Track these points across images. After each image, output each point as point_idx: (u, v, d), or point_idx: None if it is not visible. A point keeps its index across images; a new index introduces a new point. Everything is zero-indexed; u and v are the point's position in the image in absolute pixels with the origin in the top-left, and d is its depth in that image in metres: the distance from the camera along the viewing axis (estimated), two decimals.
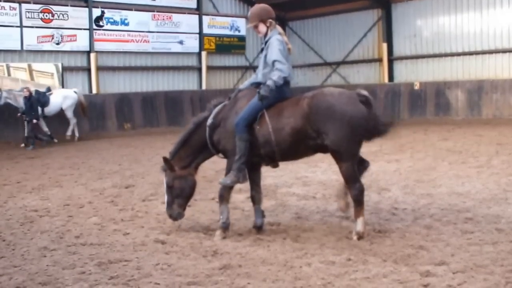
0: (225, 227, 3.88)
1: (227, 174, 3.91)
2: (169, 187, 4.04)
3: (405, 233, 3.79)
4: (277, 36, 3.86)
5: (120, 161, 8.25)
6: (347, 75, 15.67)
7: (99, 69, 13.14)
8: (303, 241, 3.71)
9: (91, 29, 12.98)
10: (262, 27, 3.92)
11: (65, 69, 12.63)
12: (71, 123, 11.24)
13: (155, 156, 8.42)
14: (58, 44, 12.48)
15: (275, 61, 3.75)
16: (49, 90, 11.15)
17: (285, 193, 5.45)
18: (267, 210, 4.72)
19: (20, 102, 10.49)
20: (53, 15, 12.39)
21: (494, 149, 7.97)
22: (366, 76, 15.20)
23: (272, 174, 6.48)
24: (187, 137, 4.06)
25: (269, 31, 3.91)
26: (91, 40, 12.99)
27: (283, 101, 3.82)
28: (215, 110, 4.00)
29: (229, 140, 3.85)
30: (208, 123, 3.96)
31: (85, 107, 11.47)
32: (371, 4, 14.81)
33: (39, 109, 10.53)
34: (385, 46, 14.56)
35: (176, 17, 14.50)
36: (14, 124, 11.20)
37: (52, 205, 5.18)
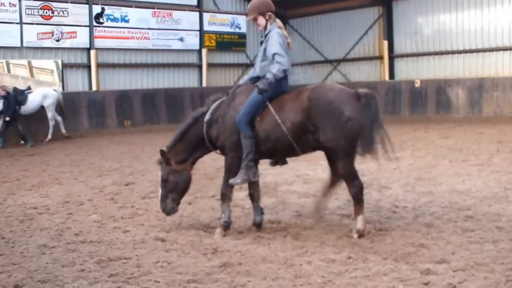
0: (226, 226, 3.87)
1: (226, 171, 3.88)
2: (164, 181, 3.99)
3: (406, 231, 3.78)
4: (277, 29, 3.83)
5: (120, 159, 8.23)
6: (347, 73, 15.63)
7: (99, 66, 13.11)
8: (304, 239, 3.70)
9: (91, 26, 12.94)
10: (261, 20, 3.89)
11: (65, 66, 12.60)
12: (50, 124, 10.75)
13: (155, 153, 8.37)
14: (58, 41, 12.45)
15: (275, 54, 3.71)
16: (29, 88, 10.91)
17: (286, 191, 5.44)
18: (267, 208, 4.71)
19: None
20: (53, 12, 12.35)
21: (494, 147, 7.95)
22: (366, 73, 15.16)
23: (272, 171, 6.46)
24: (185, 132, 4.01)
25: (268, 25, 3.88)
26: (91, 37, 12.95)
27: (283, 95, 3.78)
28: (213, 106, 3.96)
29: (227, 136, 3.82)
30: (205, 119, 3.91)
31: (62, 106, 11.13)
32: (371, 1, 14.76)
33: (16, 107, 10.18)
34: (385, 43, 14.51)
35: (176, 14, 14.45)
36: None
37: (51, 203, 5.18)
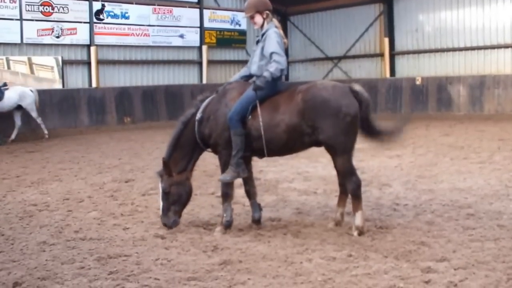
0: (228, 225, 3.86)
1: (222, 170, 3.87)
2: (166, 193, 3.86)
3: (407, 229, 3.77)
4: (275, 29, 3.82)
5: (120, 155, 8.21)
6: (348, 70, 15.58)
7: (99, 62, 13.06)
8: (304, 236, 3.69)
9: (91, 23, 12.88)
10: (258, 18, 3.87)
11: (65, 62, 12.55)
12: (39, 121, 10.52)
13: (155, 150, 8.39)
14: (58, 37, 12.41)
15: (273, 53, 3.70)
16: (5, 85, 10.72)
17: (286, 188, 5.43)
18: (268, 205, 4.70)
19: None
20: (53, 8, 12.30)
21: (496, 144, 7.94)
22: (367, 70, 15.11)
23: (273, 169, 6.46)
24: (178, 139, 3.92)
25: (265, 23, 3.87)
26: (91, 33, 12.90)
27: (276, 95, 3.77)
28: (203, 104, 3.91)
29: (220, 133, 3.79)
30: (197, 118, 3.85)
31: (37, 106, 10.76)
32: None
33: None
34: (386, 40, 14.46)
35: (176, 10, 14.39)
36: (14, 119, 11.14)
37: (51, 200, 5.16)
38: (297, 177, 6.00)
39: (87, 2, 12.83)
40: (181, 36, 14.53)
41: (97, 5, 13.00)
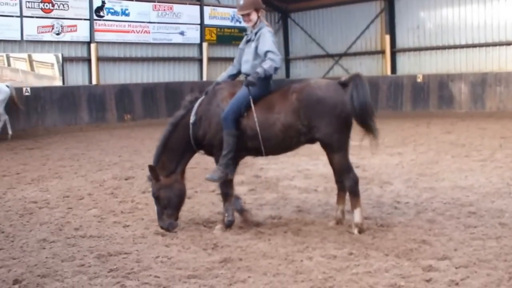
0: (229, 225, 3.85)
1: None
2: (156, 198, 3.82)
3: (408, 227, 3.76)
4: (268, 28, 3.83)
5: (120, 153, 8.20)
6: (349, 67, 15.52)
7: (100, 59, 13.04)
8: (305, 234, 3.68)
9: (91, 20, 12.85)
10: (254, 16, 3.85)
11: (65, 59, 12.52)
12: (1, 119, 10.23)
13: (155, 147, 8.36)
14: (58, 34, 12.37)
15: (268, 51, 3.70)
16: None
17: (287, 186, 5.42)
18: (268, 203, 4.70)
19: None
20: (53, 5, 12.26)
21: (497, 142, 7.90)
22: (368, 68, 15.06)
23: (273, 166, 6.44)
24: (167, 141, 3.85)
25: (258, 22, 3.86)
26: (92, 30, 12.87)
27: (270, 95, 3.76)
28: (195, 106, 3.85)
29: (214, 134, 3.77)
30: (191, 121, 3.80)
31: (17, 102, 10.59)
32: None
33: None
34: (388, 38, 14.40)
35: (177, 7, 14.34)
36: (14, 115, 11.14)
37: (51, 197, 5.16)
38: (298, 175, 5.99)
39: None
40: (182, 33, 14.48)
41: (97, 2, 12.95)
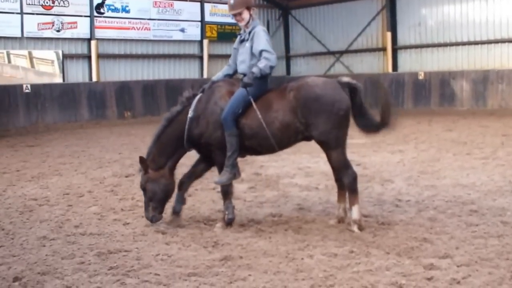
0: (230, 222, 3.84)
1: (219, 170, 3.85)
2: (143, 190, 3.89)
3: (409, 226, 3.74)
4: (261, 26, 3.81)
5: (120, 150, 8.19)
6: (350, 64, 15.48)
7: (100, 56, 13.00)
8: (305, 232, 3.67)
9: (91, 16, 12.80)
10: (246, 15, 3.83)
11: (66, 56, 12.49)
12: None
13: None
14: (58, 31, 12.34)
15: (263, 50, 3.70)
16: None
17: (287, 183, 5.40)
18: (269, 201, 4.69)
19: None
20: (53, 2, 12.22)
21: (499, 140, 7.87)
22: (369, 65, 15.01)
23: (274, 164, 6.43)
24: (160, 136, 3.87)
25: (251, 21, 3.84)
26: (92, 27, 12.83)
27: (267, 93, 3.76)
28: (194, 101, 3.85)
29: (211, 133, 3.76)
30: (189, 116, 3.77)
31: None
32: None
33: None
34: (389, 35, 14.33)
35: (177, 4, 14.29)
36: (14, 111, 11.13)
37: (51, 194, 5.15)
38: (299, 173, 5.97)
39: None
40: (182, 30, 14.43)
41: None
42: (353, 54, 15.42)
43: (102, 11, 13.01)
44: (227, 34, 15.38)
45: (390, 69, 14.43)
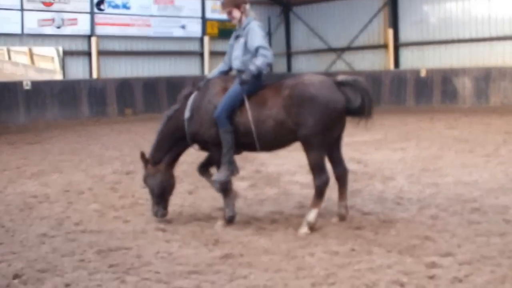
0: (231, 220, 3.83)
1: (217, 166, 3.85)
2: (145, 184, 4.00)
3: (410, 223, 3.72)
4: (256, 22, 3.77)
5: (120, 147, 8.17)
6: (352, 61, 15.42)
7: (100, 53, 12.97)
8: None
9: (92, 13, 12.76)
10: (236, 13, 3.83)
11: (66, 53, 12.47)
12: None
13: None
14: (59, 28, 12.30)
15: (259, 47, 3.66)
16: None
17: (288, 181, 5.39)
18: (269, 198, 4.67)
19: None
20: None
21: (502, 138, 7.83)
22: (371, 62, 14.95)
23: (274, 161, 6.40)
24: (160, 132, 3.96)
25: (243, 17, 3.82)
26: (92, 24, 12.79)
27: (262, 91, 3.73)
28: (190, 101, 3.88)
29: (206, 130, 3.77)
30: (186, 116, 3.83)
31: None
32: None
33: None
34: (391, 32, 14.27)
35: (178, 1, 14.23)
36: (14, 108, 11.13)
37: (51, 191, 5.14)
38: (299, 170, 5.94)
39: None
40: (183, 27, 14.38)
41: None
42: (355, 51, 15.35)
43: (102, 7, 12.97)
44: (228, 31, 15.28)
45: (391, 66, 14.36)
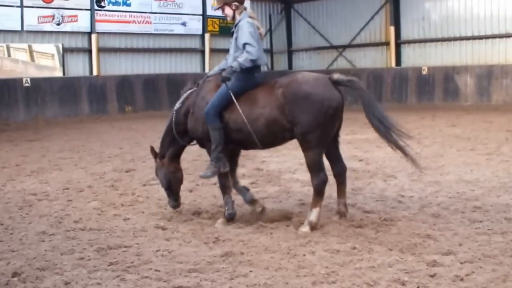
0: (231, 218, 3.82)
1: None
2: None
3: (412, 222, 3.71)
4: (247, 19, 3.78)
5: (120, 145, 8.16)
6: (353, 59, 15.37)
7: (100, 50, 12.93)
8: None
9: (92, 10, 12.72)
10: (228, 10, 3.86)
11: (66, 50, 12.43)
12: None
13: (156, 139, 8.26)
14: (58, 24, 12.26)
15: (245, 43, 3.68)
16: None
17: (289, 179, 5.37)
18: (270, 196, 4.65)
19: None
20: None
21: (503, 136, 7.80)
22: (373, 60, 14.90)
23: (275, 159, 6.39)
24: (166, 127, 4.08)
25: (237, 14, 3.83)
26: (92, 20, 12.75)
27: (255, 88, 3.73)
28: (183, 95, 3.99)
29: (198, 127, 3.83)
30: (175, 108, 3.94)
31: None
32: None
33: None
34: (392, 29, 14.21)
35: None
36: (14, 105, 11.11)
37: (51, 189, 5.13)
38: (300, 168, 5.92)
39: None
40: (184, 24, 14.33)
41: None
42: (356, 48, 15.30)
43: (102, 4, 12.92)
44: (229, 28, 15.02)
45: (393, 64, 14.31)
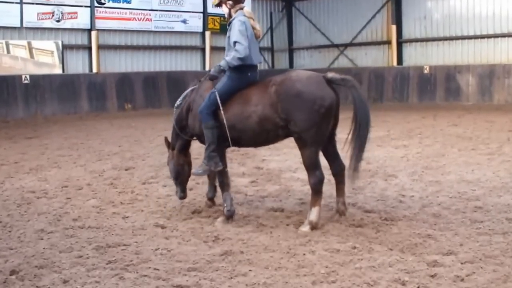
0: (230, 215, 3.80)
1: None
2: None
3: (412, 221, 3.69)
4: (240, 17, 3.79)
5: (120, 143, 8.13)
6: (354, 58, 15.33)
7: (100, 47, 12.89)
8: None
9: (92, 6, 12.67)
10: (224, 8, 3.92)
11: (65, 47, 12.39)
12: None
13: (156, 137, 8.31)
14: (58, 21, 12.22)
15: (234, 42, 3.71)
16: None
17: (289, 178, 5.35)
18: (270, 195, 4.64)
19: None
20: None
21: (505, 135, 7.78)
22: (374, 58, 14.86)
23: (275, 158, 6.37)
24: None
25: (233, 13, 3.86)
26: (92, 17, 12.71)
27: (250, 87, 3.74)
28: (184, 92, 4.08)
29: (196, 124, 3.90)
30: (176, 104, 4.05)
31: None
32: None
33: None
34: (394, 28, 14.17)
35: None
36: (13, 102, 11.08)
37: (50, 187, 5.11)
38: (301, 167, 5.83)
39: None
40: (184, 21, 14.29)
41: None
42: (358, 47, 15.26)
43: (102, 1, 12.87)
44: None
45: (395, 63, 14.28)
